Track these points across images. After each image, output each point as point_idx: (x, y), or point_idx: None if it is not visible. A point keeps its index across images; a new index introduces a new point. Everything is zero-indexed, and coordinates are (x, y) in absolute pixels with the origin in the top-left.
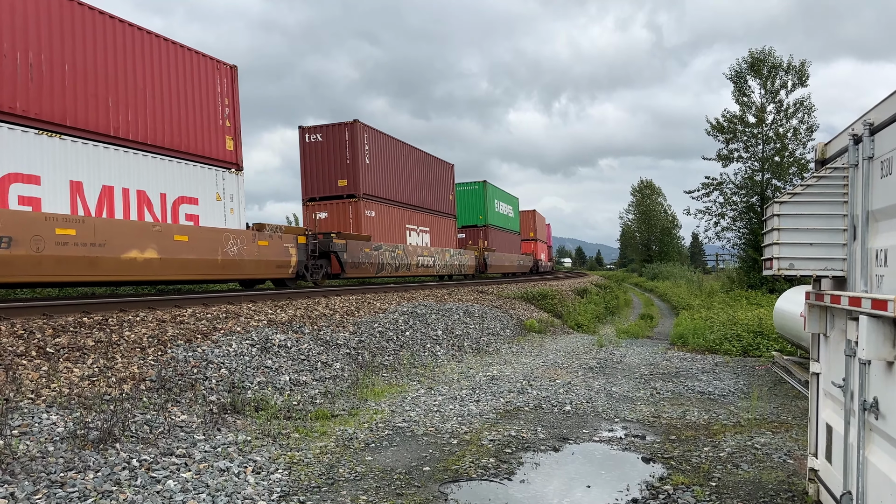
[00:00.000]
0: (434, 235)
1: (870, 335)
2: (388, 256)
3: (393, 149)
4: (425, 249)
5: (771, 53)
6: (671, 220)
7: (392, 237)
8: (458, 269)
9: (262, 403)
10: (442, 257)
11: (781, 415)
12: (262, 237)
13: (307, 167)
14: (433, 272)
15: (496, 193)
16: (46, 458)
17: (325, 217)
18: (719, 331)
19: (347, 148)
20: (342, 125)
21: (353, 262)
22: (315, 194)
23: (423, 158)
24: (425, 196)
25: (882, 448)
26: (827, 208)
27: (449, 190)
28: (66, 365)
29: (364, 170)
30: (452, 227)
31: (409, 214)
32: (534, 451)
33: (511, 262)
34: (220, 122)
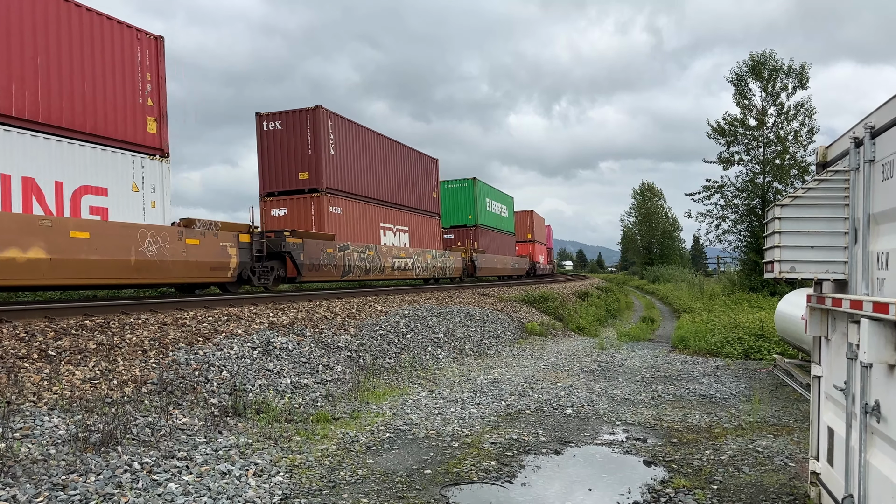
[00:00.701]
0: (414, 235)
1: (871, 338)
2: (356, 258)
3: (364, 139)
4: (403, 250)
5: (772, 56)
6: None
7: (362, 237)
8: (441, 271)
9: (264, 406)
10: (423, 259)
11: (783, 418)
12: (192, 234)
13: (265, 159)
14: (412, 275)
15: (487, 192)
16: (48, 461)
17: (284, 214)
18: (720, 334)
19: (309, 137)
20: (303, 111)
21: (311, 264)
22: (273, 189)
23: (402, 151)
24: (404, 192)
25: (883, 451)
26: (828, 211)
27: (432, 187)
28: (68, 367)
29: (328, 161)
30: (436, 227)
31: (384, 212)
32: (535, 454)
33: (504, 265)
34: (140, 101)
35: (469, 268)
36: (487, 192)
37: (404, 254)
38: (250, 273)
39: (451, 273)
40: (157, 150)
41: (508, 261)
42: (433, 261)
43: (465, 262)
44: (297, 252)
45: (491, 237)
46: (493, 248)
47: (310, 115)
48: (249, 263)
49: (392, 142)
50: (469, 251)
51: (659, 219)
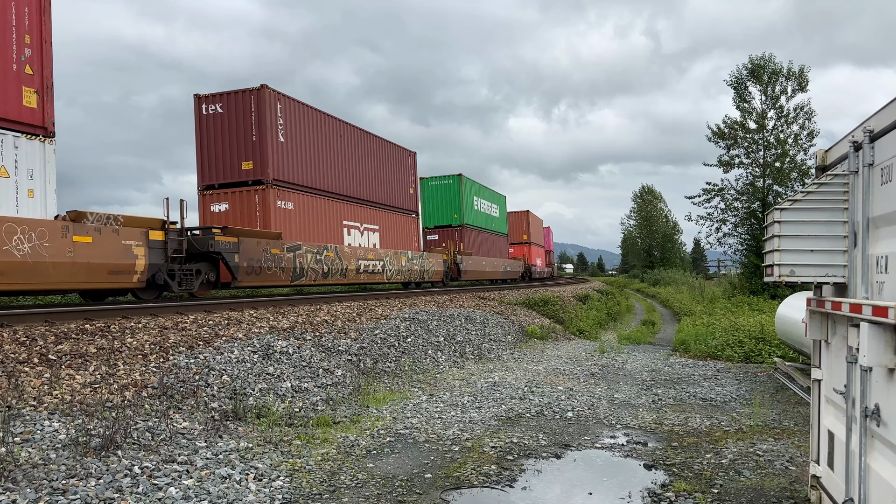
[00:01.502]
0: (386, 235)
1: (871, 342)
2: (310, 260)
3: (323, 126)
4: (371, 252)
5: (771, 60)
6: (673, 226)
7: (320, 236)
8: (419, 274)
9: (264, 410)
10: (395, 261)
11: (783, 421)
12: (81, 231)
13: (204, 147)
14: (382, 279)
15: (475, 189)
16: (48, 466)
17: (226, 210)
18: (721, 337)
19: (253, 121)
20: (246, 92)
21: (250, 267)
22: (213, 181)
23: (372, 142)
24: (374, 188)
25: (884, 455)
26: (828, 215)
27: (409, 182)
28: (69, 372)
29: (276, 149)
30: (413, 226)
31: (349, 209)
32: (535, 458)
33: (494, 268)
34: (15, 68)
35: (452, 271)
36: (475, 190)
37: (372, 255)
38: (168, 277)
39: (430, 276)
40: (39, 129)
41: (499, 263)
42: (409, 263)
43: (448, 264)
44: (230, 252)
45: (479, 238)
46: (481, 250)
47: (254, 97)
48: (165, 266)
49: (360, 131)
50: (451, 253)
51: (659, 222)
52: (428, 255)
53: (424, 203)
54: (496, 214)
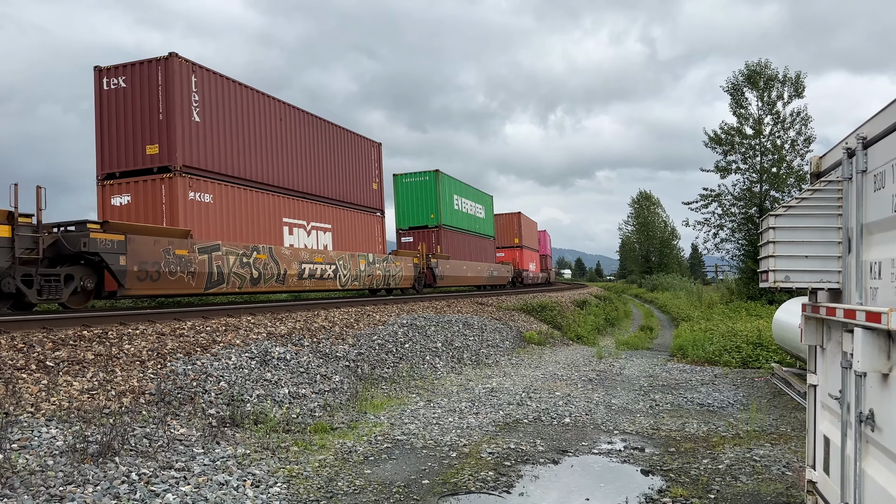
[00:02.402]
0: (341, 236)
1: (865, 347)
2: (234, 263)
3: (256, 107)
4: (319, 254)
5: (767, 66)
6: (670, 232)
7: (250, 235)
8: (382, 280)
9: (262, 416)
10: (351, 266)
11: (780, 426)
12: None
13: (105, 128)
14: (333, 285)
15: (455, 187)
16: (46, 472)
17: (128, 203)
18: (719, 342)
19: (160, 97)
20: (152, 62)
21: (143, 272)
22: (115, 168)
23: (324, 129)
24: (325, 181)
25: (878, 460)
26: (822, 221)
27: (371, 176)
28: (66, 378)
29: (189, 131)
30: (377, 227)
31: (291, 205)
32: (533, 464)
33: (477, 273)
34: None
35: (427, 276)
36: (455, 188)
37: (321, 258)
38: (21, 284)
39: (398, 282)
40: None
41: (483, 268)
42: (369, 268)
43: (419, 269)
44: (112, 253)
45: (460, 240)
46: (462, 253)
47: (161, 68)
48: (14, 269)
49: (309, 115)
50: (424, 256)
51: (657, 227)
52: (394, 259)
53: (399, 202)
54: (481, 215)
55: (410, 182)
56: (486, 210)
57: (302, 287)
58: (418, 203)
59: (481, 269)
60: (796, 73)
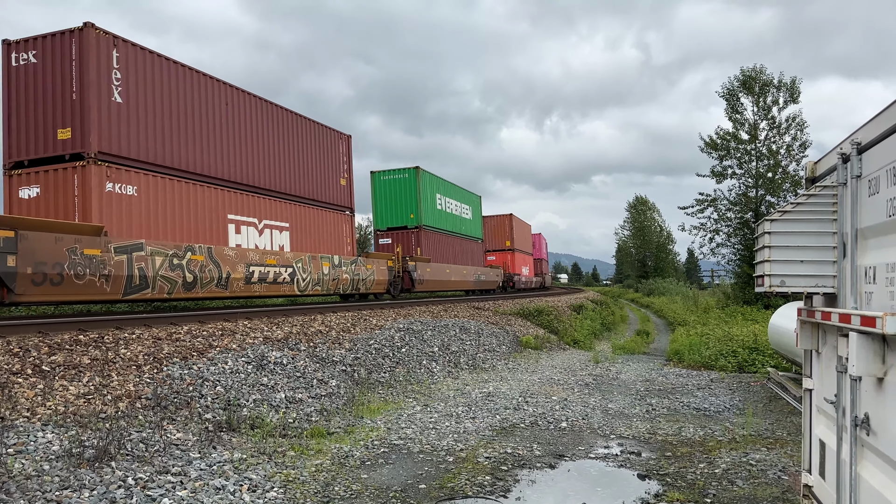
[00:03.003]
0: (301, 235)
1: (860, 352)
2: (161, 265)
3: (193, 88)
4: (272, 256)
5: (763, 71)
6: (666, 236)
7: (184, 233)
8: (350, 284)
9: (258, 421)
10: (312, 269)
11: (776, 431)
12: None
13: (13, 110)
14: (289, 290)
15: (438, 186)
16: (42, 477)
17: (37, 195)
18: (715, 347)
19: (74, 74)
20: (65, 34)
21: (41, 274)
22: (23, 156)
23: (281, 118)
24: (281, 175)
25: (874, 464)
26: (817, 226)
27: (338, 171)
28: (62, 383)
29: (107, 112)
30: (345, 226)
31: (239, 200)
32: (529, 469)
33: (462, 277)
34: None
35: (404, 280)
36: (438, 187)
37: (275, 260)
38: None
39: (368, 287)
40: None
41: (469, 272)
42: (334, 271)
43: (394, 272)
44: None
45: (443, 242)
46: (445, 256)
47: (75, 41)
48: None
49: (262, 101)
50: (400, 259)
51: (653, 232)
52: (364, 262)
53: (376, 201)
54: (467, 216)
55: (389, 180)
56: (473, 211)
57: (251, 292)
58: (397, 202)
59: (467, 272)
60: (791, 78)
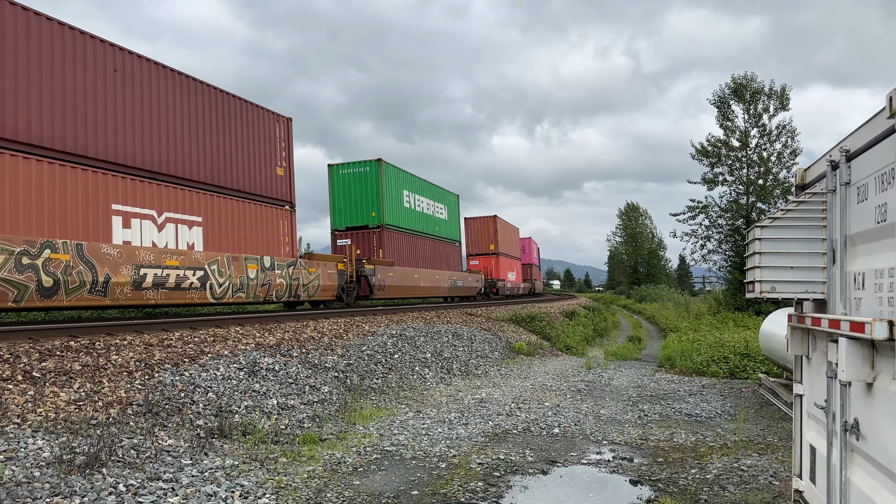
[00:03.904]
0: (219, 232)
1: (849, 357)
2: (5, 266)
3: (63, 48)
4: (176, 256)
5: (753, 79)
6: (658, 243)
7: (42, 226)
8: (287, 290)
9: (250, 428)
10: (233, 272)
11: (768, 436)
12: None
13: None
14: (199, 298)
15: (405, 181)
16: (32, 484)
17: None
18: (706, 353)
19: None
20: None
21: None
22: None
23: (192, 90)
24: (193, 158)
25: (863, 469)
26: (807, 232)
27: (274, 158)
28: (53, 389)
29: None
30: (284, 223)
31: (128, 186)
32: (522, 475)
33: (434, 283)
34: None
35: (362, 286)
36: (406, 182)
37: (177, 261)
38: None
39: (310, 293)
40: None
41: (443, 277)
42: (264, 275)
43: (347, 276)
44: None
45: (411, 244)
46: (414, 259)
47: None
48: None
49: (168, 71)
50: (351, 262)
51: (645, 238)
52: (306, 264)
53: (334, 198)
54: (441, 216)
55: (348, 174)
56: (449, 211)
57: (142, 300)
58: (357, 199)
59: (441, 278)
60: (782, 86)
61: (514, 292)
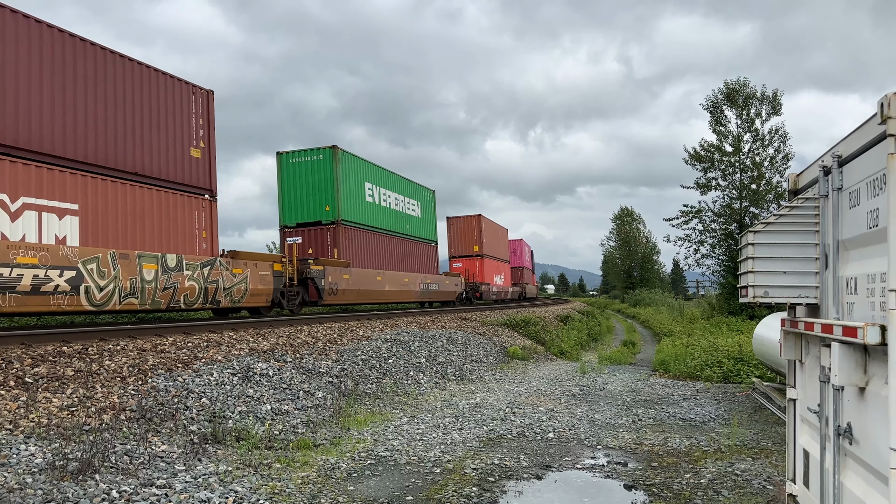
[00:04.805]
0: (106, 224)
1: (842, 361)
2: None
3: None
4: (34, 252)
5: (746, 84)
6: (652, 248)
7: None
8: (202, 296)
9: (244, 433)
10: (121, 273)
11: (761, 441)
12: None
13: None
14: (70, 305)
15: (367, 173)
16: (24, 490)
17: None
18: (700, 357)
19: None
20: None
21: None
22: None
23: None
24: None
25: (856, 473)
26: (800, 237)
27: (187, 138)
28: (45, 395)
29: None
30: (201, 214)
31: None
32: (517, 480)
33: (401, 286)
34: None
35: (310, 290)
36: (367, 174)
37: (36, 258)
38: None
39: (235, 299)
40: None
41: (414, 280)
42: (166, 277)
43: (286, 279)
44: None
45: (375, 243)
46: (379, 261)
47: None
48: None
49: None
50: (293, 261)
51: (639, 242)
52: (229, 264)
53: (284, 190)
54: (413, 213)
55: (299, 163)
56: (423, 208)
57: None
58: (310, 191)
59: (410, 281)
60: (774, 90)
61: (501, 297)
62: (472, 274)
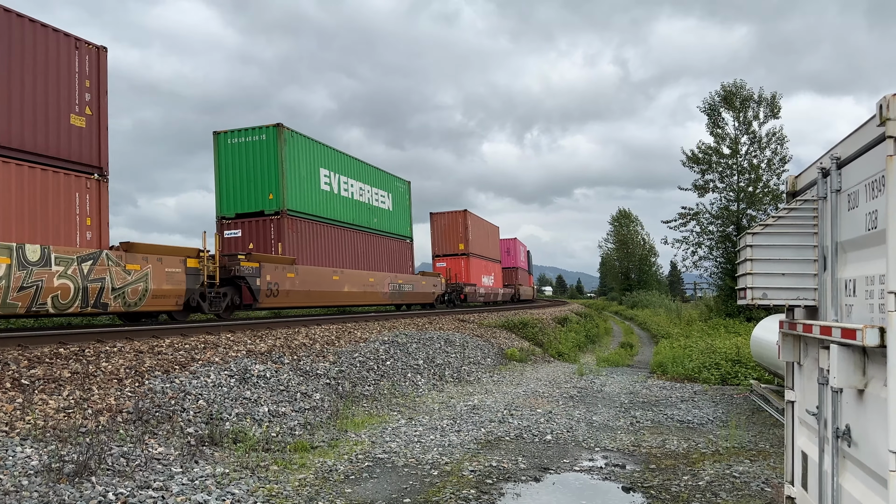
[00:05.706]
0: None
1: (840, 364)
2: None
3: None
4: None
5: (743, 86)
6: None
7: None
8: (81, 298)
9: (241, 435)
10: None
11: (759, 443)
12: None
13: None
14: None
15: (322, 157)
16: (20, 493)
17: None
18: (698, 359)
19: None
20: None
21: None
22: None
23: None
24: None
25: (855, 475)
26: (798, 239)
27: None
28: (42, 397)
29: None
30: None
31: None
32: (514, 482)
33: (365, 287)
34: None
35: (242, 292)
36: (322, 159)
37: None
38: None
39: (130, 303)
40: None
41: (381, 280)
42: (23, 274)
43: (204, 278)
44: None
45: (331, 238)
46: (338, 258)
47: None
48: None
49: None
50: (217, 256)
51: (636, 245)
52: (121, 259)
53: (221, 176)
54: (383, 205)
55: (238, 144)
56: (395, 199)
57: None
58: (251, 177)
59: (377, 281)
60: (772, 93)
61: (489, 299)
62: (456, 274)
